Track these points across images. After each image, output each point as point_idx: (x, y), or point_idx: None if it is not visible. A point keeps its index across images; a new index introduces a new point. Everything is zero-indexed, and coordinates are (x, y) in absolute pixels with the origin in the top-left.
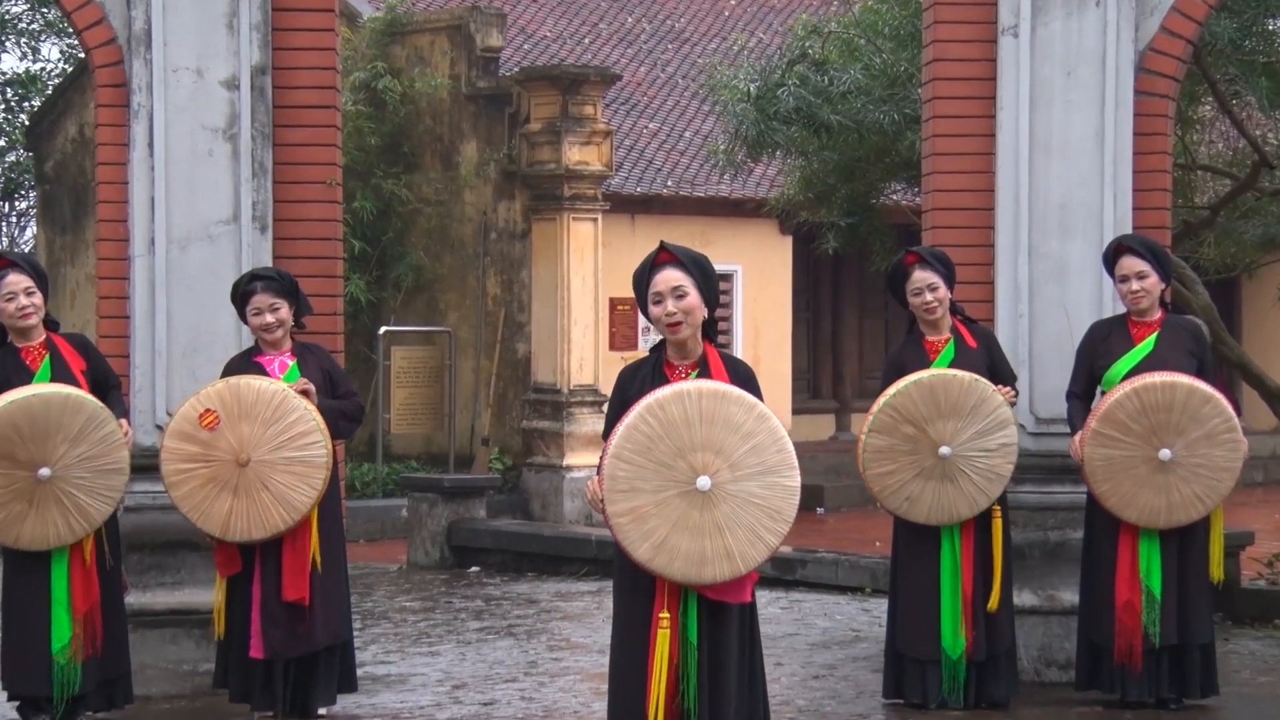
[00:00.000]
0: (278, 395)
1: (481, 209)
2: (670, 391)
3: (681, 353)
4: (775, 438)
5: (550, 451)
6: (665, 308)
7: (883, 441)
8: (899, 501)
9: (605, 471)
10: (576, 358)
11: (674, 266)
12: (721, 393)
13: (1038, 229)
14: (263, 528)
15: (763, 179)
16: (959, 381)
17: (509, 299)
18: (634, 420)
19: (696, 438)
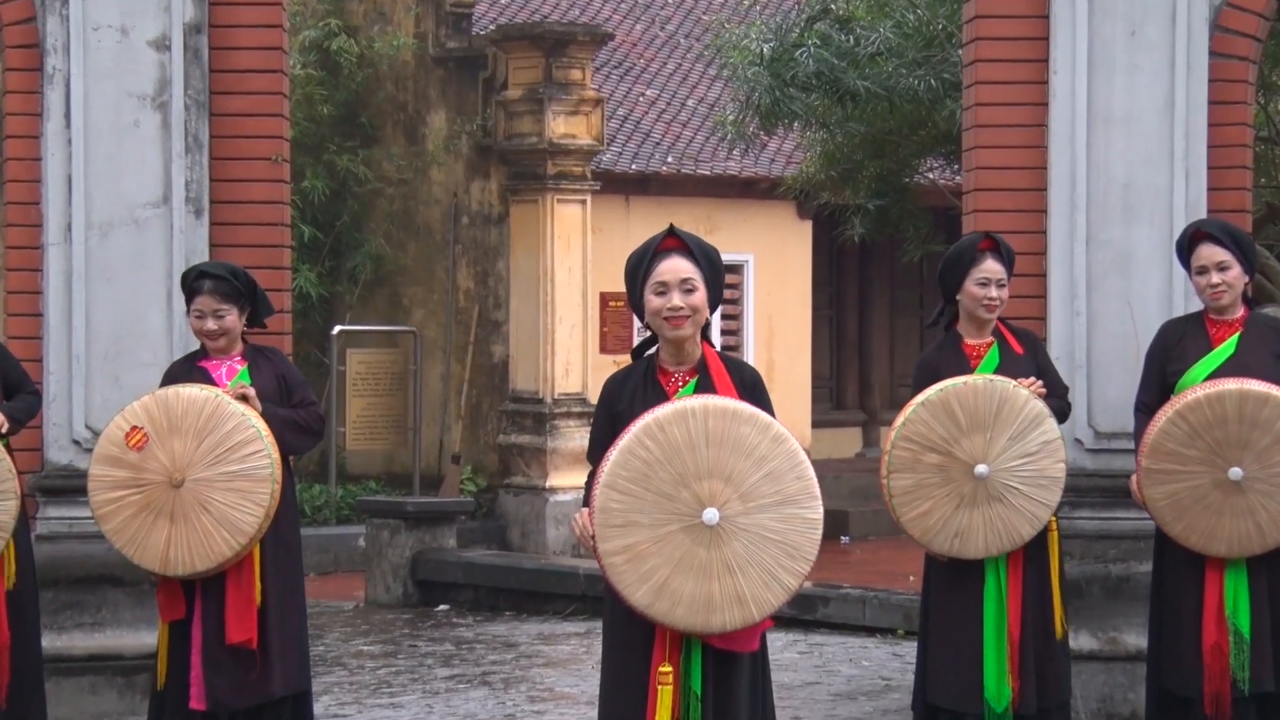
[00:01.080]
0: (209, 403)
1: (451, 189)
2: (672, 410)
3: (678, 356)
4: (793, 462)
5: (531, 471)
6: (670, 300)
7: (908, 481)
8: (949, 541)
9: (597, 503)
10: (562, 362)
11: (684, 255)
12: (731, 411)
13: (1097, 213)
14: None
15: (778, 155)
16: (972, 388)
17: (483, 294)
18: (630, 444)
19: (702, 463)
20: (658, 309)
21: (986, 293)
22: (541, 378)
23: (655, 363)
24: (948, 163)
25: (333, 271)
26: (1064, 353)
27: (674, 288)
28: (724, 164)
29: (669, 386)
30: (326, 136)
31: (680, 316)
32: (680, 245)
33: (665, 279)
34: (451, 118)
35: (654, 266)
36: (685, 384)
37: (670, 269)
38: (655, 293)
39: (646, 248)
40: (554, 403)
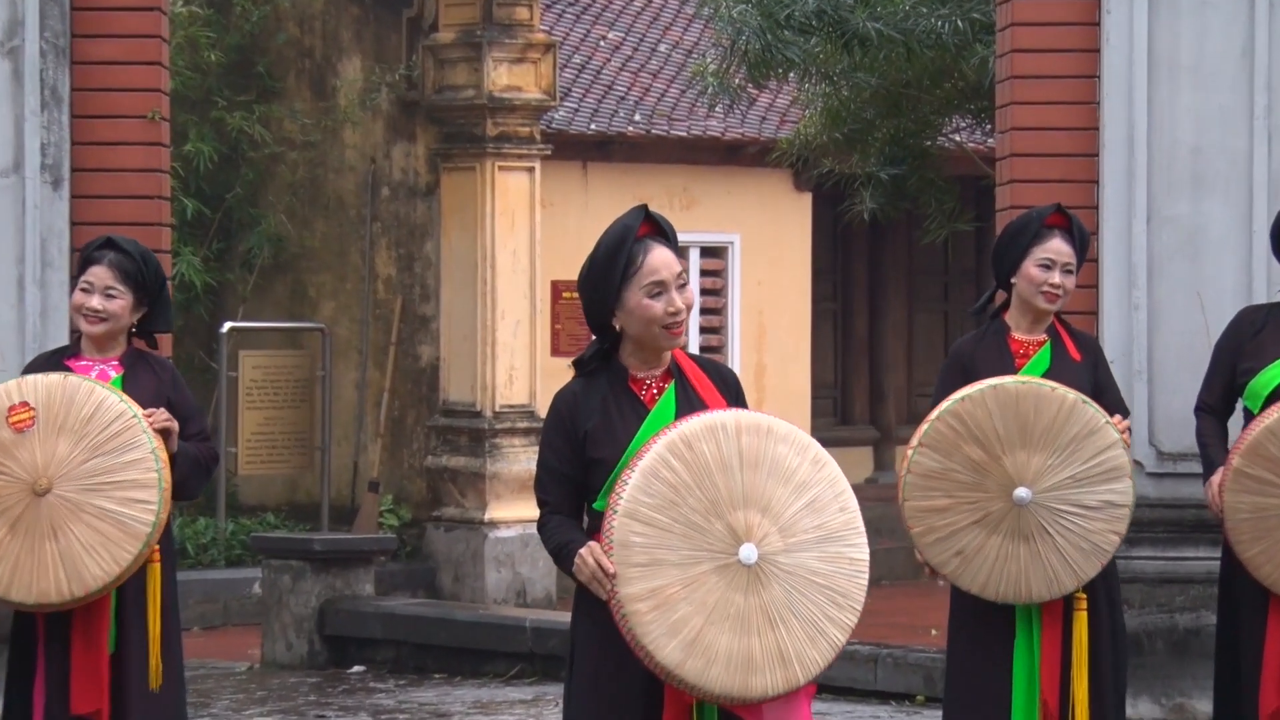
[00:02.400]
0: (122, 420)
1: (368, 154)
2: (700, 424)
3: (648, 359)
4: (837, 490)
5: (467, 500)
6: (672, 303)
7: (935, 462)
8: (945, 554)
9: (615, 536)
10: (504, 366)
11: (665, 243)
12: (766, 427)
13: (1160, 183)
14: (28, 589)
15: (770, 113)
16: (1059, 400)
17: (408, 283)
18: (652, 464)
19: (736, 489)
20: (657, 315)
21: (1049, 278)
22: (479, 386)
23: (623, 368)
24: (978, 122)
25: (222, 255)
26: (1119, 354)
27: (671, 285)
28: (703, 124)
29: (644, 395)
30: (214, 89)
31: (681, 322)
32: (657, 230)
33: (662, 277)
34: (369, 66)
35: (639, 259)
36: (662, 392)
37: (663, 262)
38: (650, 294)
39: (622, 236)
40: (495, 417)
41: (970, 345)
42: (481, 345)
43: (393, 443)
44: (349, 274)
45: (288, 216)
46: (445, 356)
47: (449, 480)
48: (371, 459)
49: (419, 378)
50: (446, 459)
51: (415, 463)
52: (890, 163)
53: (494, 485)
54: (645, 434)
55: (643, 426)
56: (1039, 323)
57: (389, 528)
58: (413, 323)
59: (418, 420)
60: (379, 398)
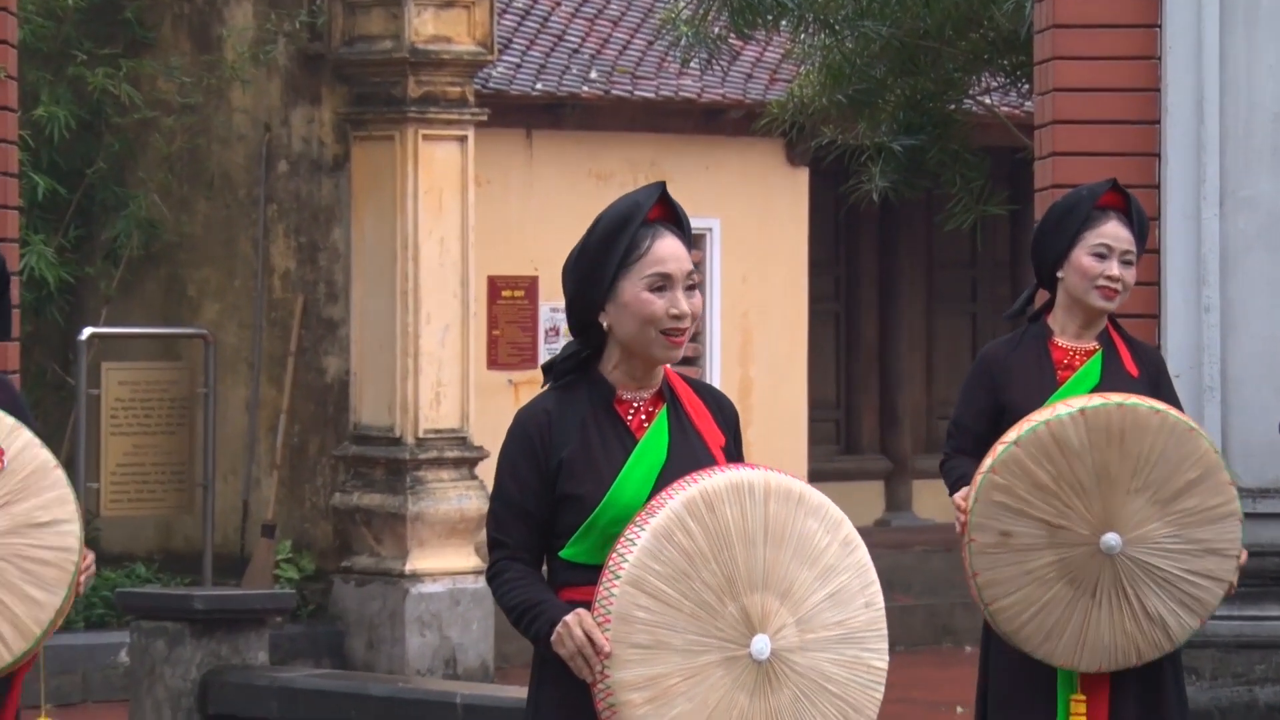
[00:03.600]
0: (59, 497)
1: (262, 120)
2: (726, 483)
3: (639, 377)
4: (865, 581)
5: (384, 547)
6: (676, 303)
7: (1007, 497)
8: (1027, 617)
9: (616, 607)
10: (430, 383)
11: (675, 232)
12: (797, 495)
13: (1235, 157)
14: None
15: (757, 70)
16: (1170, 429)
17: (311, 279)
18: (668, 524)
19: (757, 567)
20: (656, 315)
21: (1104, 269)
22: (399, 406)
23: (608, 384)
24: (1012, 82)
25: (81, 245)
26: (1186, 367)
27: (679, 284)
28: (675, 83)
29: (631, 419)
30: (72, 40)
31: (684, 329)
32: (673, 217)
33: (669, 269)
34: (262, 13)
35: (644, 244)
36: (653, 417)
37: (673, 254)
38: (651, 287)
39: (629, 214)
40: (418, 444)
41: (1003, 351)
42: (401, 356)
43: (292, 476)
44: (238, 268)
45: (162, 197)
46: (357, 370)
47: (361, 523)
48: (265, 496)
49: (324, 396)
50: (358, 496)
51: (319, 501)
52: (905, 131)
53: (417, 529)
54: (634, 471)
55: (629, 460)
56: (1090, 327)
57: (287, 581)
58: (317, 328)
59: (323, 449)
60: (274, 421)
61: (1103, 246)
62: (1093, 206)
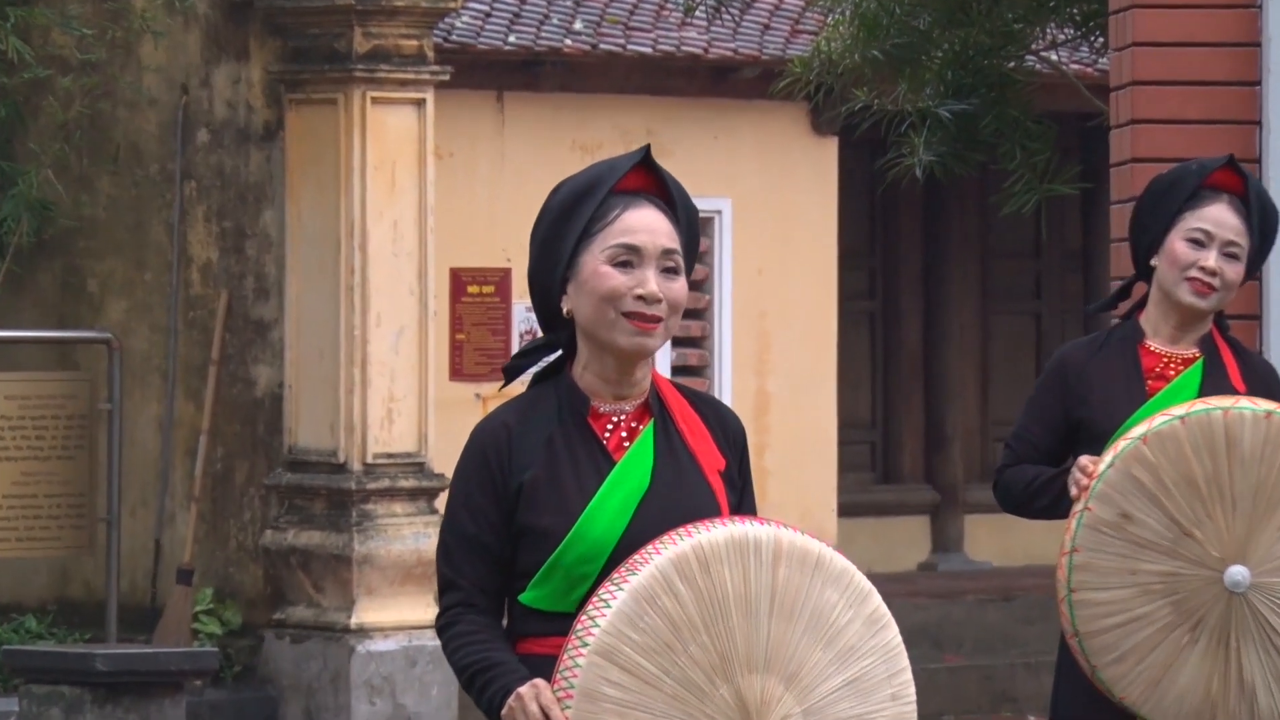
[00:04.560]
0: None
1: (177, 81)
2: (726, 539)
3: (619, 383)
4: (893, 668)
5: (325, 596)
6: (643, 281)
7: (1110, 531)
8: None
9: (581, 681)
10: (381, 396)
11: (659, 206)
12: (815, 558)
13: None
14: None
15: (775, 21)
16: None
17: (237, 272)
18: (650, 584)
19: (758, 643)
20: (614, 290)
21: (1198, 258)
22: (343, 426)
23: (580, 393)
24: (1082, 35)
25: None
26: None
27: (650, 260)
28: (676, 36)
29: (608, 438)
30: None
31: (654, 316)
32: (658, 185)
33: (637, 241)
34: None
35: (613, 213)
36: (636, 435)
37: (645, 225)
38: (613, 260)
39: (598, 178)
40: (366, 472)
41: (1083, 354)
42: (346, 365)
43: (214, 510)
44: (149, 259)
45: (56, 174)
46: (292, 382)
47: (298, 566)
48: (182, 534)
49: (253, 413)
50: (294, 535)
51: (247, 540)
52: (954, 94)
53: (365, 574)
54: (608, 500)
55: (603, 487)
56: (1188, 329)
57: (208, 637)
58: (244, 331)
59: (251, 477)
60: (193, 443)
61: (1200, 232)
62: (1200, 184)
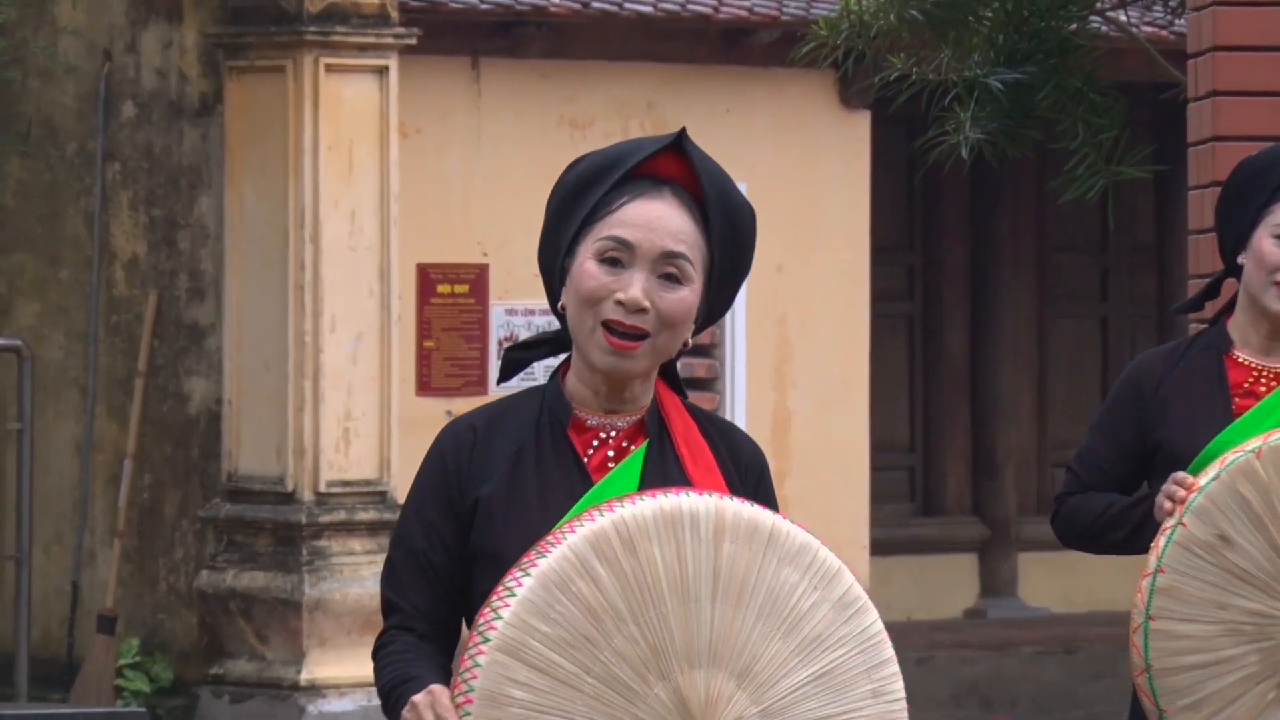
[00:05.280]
0: None
1: (100, 46)
2: (653, 511)
3: (611, 395)
4: (872, 659)
5: (270, 647)
6: (626, 284)
7: (1270, 485)
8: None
9: (481, 682)
10: (336, 414)
11: (683, 201)
12: (766, 532)
13: None
14: None
15: None
16: None
17: (169, 268)
18: (563, 567)
19: (700, 633)
20: (591, 294)
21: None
22: (292, 449)
23: (564, 399)
24: None
25: None
26: None
27: (643, 261)
28: None
29: (591, 455)
30: None
31: (634, 334)
32: (686, 171)
33: (632, 236)
34: None
35: (618, 201)
36: (625, 455)
37: (648, 218)
38: (600, 255)
39: (617, 158)
40: (318, 502)
41: (1160, 364)
42: (296, 377)
43: (141, 548)
44: (64, 254)
45: None
46: (233, 397)
47: (239, 613)
48: (103, 576)
49: (186, 434)
50: (234, 576)
51: (179, 583)
52: (1006, 62)
53: (318, 622)
54: None
55: (572, 510)
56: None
57: (134, 695)
58: (176, 338)
59: (184, 508)
60: (116, 468)
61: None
62: None
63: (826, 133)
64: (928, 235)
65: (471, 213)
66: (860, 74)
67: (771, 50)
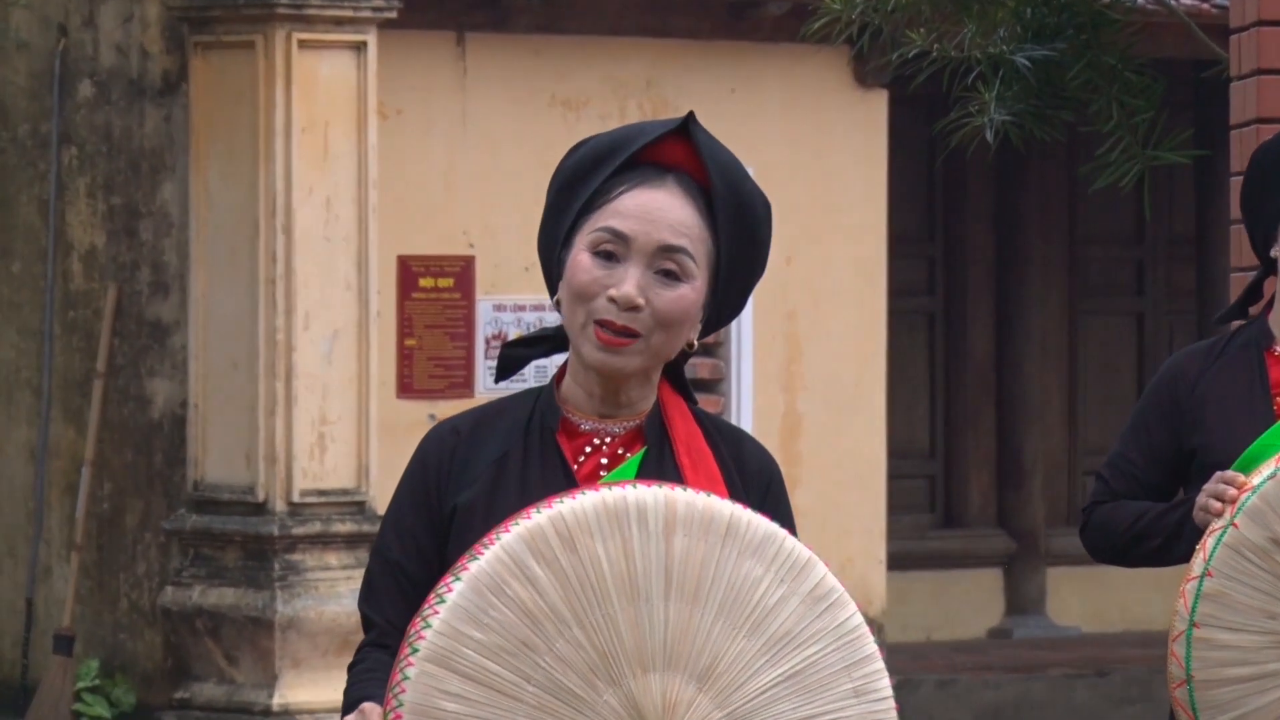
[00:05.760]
0: None
1: (54, 21)
2: (595, 505)
3: (607, 398)
4: (850, 656)
5: (240, 669)
6: (621, 282)
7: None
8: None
9: (410, 696)
10: (310, 418)
11: (689, 191)
12: (724, 523)
13: None
14: None
15: None
16: None
17: (129, 260)
18: (496, 569)
19: (653, 634)
20: (582, 288)
21: None
22: (263, 455)
23: (554, 402)
24: None
25: None
26: None
27: (638, 255)
28: None
29: (583, 463)
30: None
31: (626, 329)
32: (693, 158)
33: (628, 228)
34: None
35: (617, 190)
36: (620, 460)
37: (646, 209)
38: (594, 247)
39: (621, 141)
40: (291, 513)
41: (1196, 364)
42: (267, 379)
43: (101, 562)
44: (17, 245)
45: None
46: (199, 400)
47: (206, 632)
48: (60, 592)
49: (149, 439)
50: (201, 593)
51: (143, 599)
52: (1034, 38)
53: (291, 642)
54: None
55: None
56: None
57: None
58: (138, 336)
59: (147, 519)
60: (74, 476)
61: None
62: None
63: (840, 113)
64: (949, 225)
65: (456, 201)
66: (877, 51)
67: (780, 24)
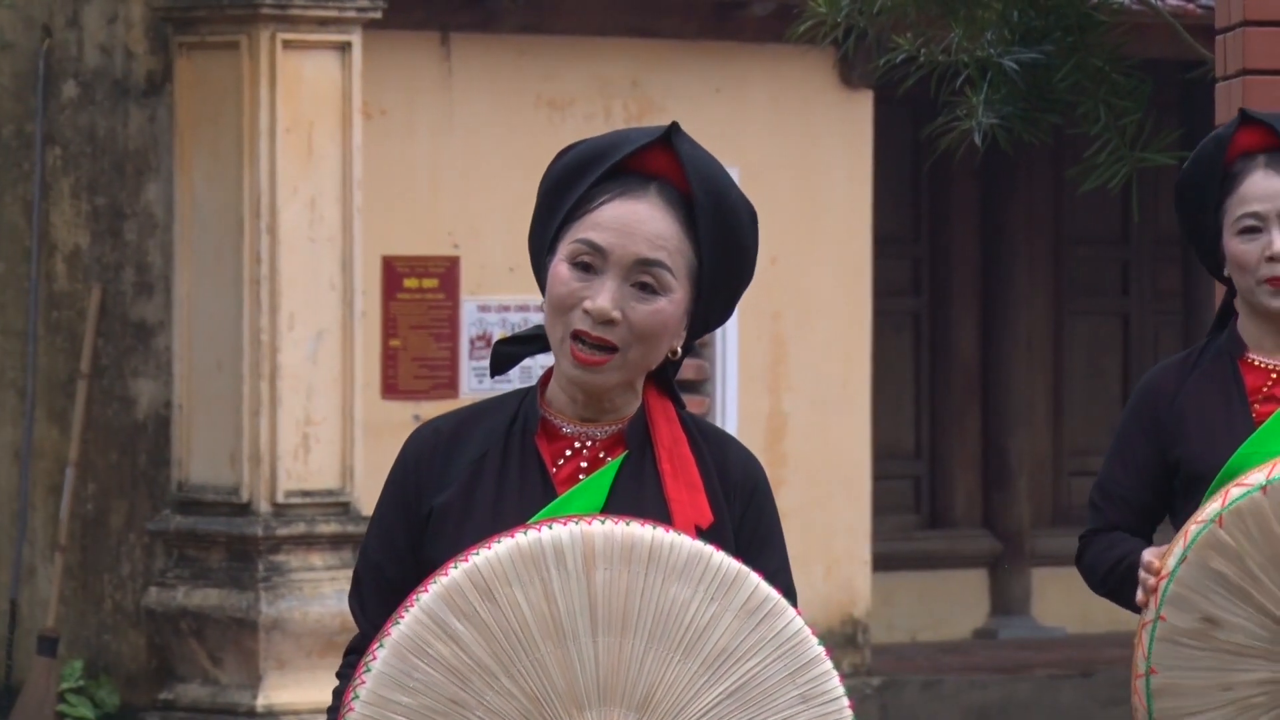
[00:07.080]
0: None
1: (38, 21)
2: (509, 553)
3: (590, 402)
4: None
5: (224, 670)
6: (596, 295)
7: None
8: None
9: None
10: (294, 419)
11: (670, 202)
12: (645, 550)
13: None
14: None
15: None
16: None
17: (114, 260)
18: (416, 631)
19: (585, 671)
20: (560, 301)
21: (1262, 249)
22: (247, 456)
23: (537, 404)
24: None
25: None
26: None
27: (615, 268)
28: None
29: (561, 466)
30: None
31: (602, 341)
32: (676, 168)
33: (604, 241)
34: None
35: (600, 199)
36: (601, 464)
37: (624, 220)
38: (573, 258)
39: (605, 149)
40: (276, 513)
41: (1172, 378)
42: (251, 379)
43: (85, 562)
44: (1, 244)
45: None
46: (183, 400)
47: (190, 633)
48: (44, 593)
49: (133, 440)
50: (185, 594)
51: (127, 600)
52: (1021, 40)
53: (275, 643)
54: None
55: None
56: None
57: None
58: (122, 336)
59: (131, 520)
60: (58, 477)
61: (1249, 217)
62: (1224, 161)
63: (826, 114)
64: (935, 226)
65: (441, 201)
66: (863, 53)
67: (766, 25)
